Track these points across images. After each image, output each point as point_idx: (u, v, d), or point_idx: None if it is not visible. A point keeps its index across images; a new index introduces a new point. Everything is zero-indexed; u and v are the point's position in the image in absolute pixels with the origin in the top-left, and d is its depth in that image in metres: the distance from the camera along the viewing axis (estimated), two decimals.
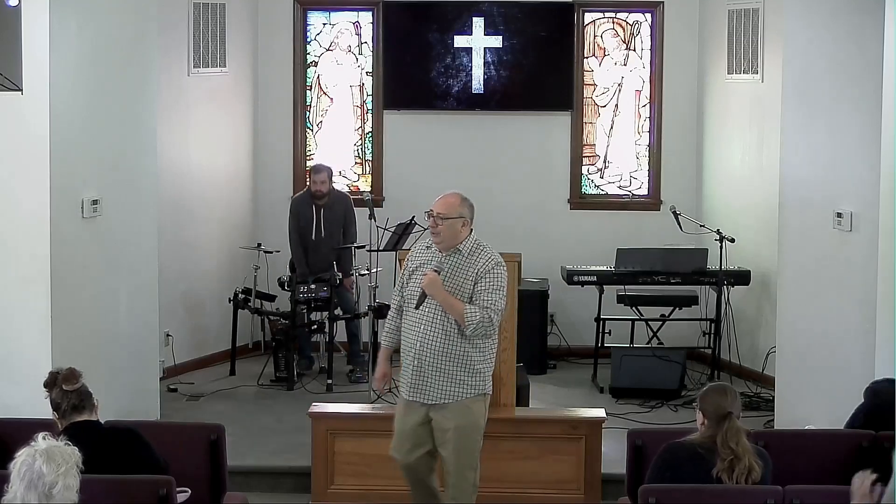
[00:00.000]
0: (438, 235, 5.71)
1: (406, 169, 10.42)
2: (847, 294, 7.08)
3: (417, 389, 5.76)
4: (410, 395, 5.79)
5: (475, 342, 5.71)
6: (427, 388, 5.75)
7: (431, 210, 5.71)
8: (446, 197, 5.78)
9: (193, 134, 9.67)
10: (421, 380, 5.74)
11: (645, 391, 8.90)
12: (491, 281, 5.68)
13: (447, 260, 5.72)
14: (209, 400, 8.90)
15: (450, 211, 5.71)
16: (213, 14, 9.81)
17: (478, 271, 5.67)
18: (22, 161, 6.93)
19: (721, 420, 4.81)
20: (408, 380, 5.79)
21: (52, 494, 3.67)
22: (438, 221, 5.68)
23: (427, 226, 5.83)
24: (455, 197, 5.78)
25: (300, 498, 7.03)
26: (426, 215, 5.79)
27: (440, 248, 5.73)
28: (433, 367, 5.71)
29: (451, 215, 5.70)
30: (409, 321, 5.78)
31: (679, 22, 10.29)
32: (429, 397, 5.76)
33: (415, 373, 5.74)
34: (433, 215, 5.70)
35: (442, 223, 5.68)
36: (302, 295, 9.18)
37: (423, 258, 5.81)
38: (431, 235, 5.77)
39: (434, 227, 5.71)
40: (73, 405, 4.88)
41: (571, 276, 9.42)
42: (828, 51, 7.26)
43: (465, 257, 5.71)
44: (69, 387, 4.90)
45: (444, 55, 10.29)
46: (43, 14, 6.82)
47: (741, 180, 9.75)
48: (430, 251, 5.79)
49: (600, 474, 6.79)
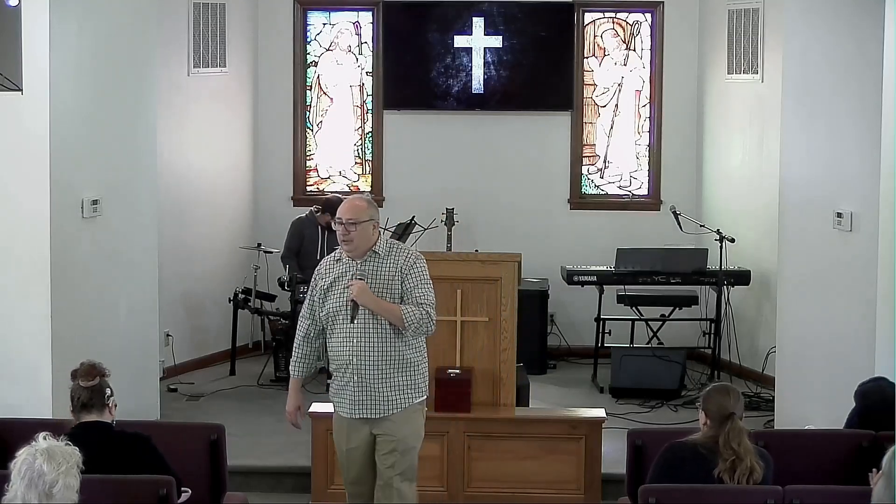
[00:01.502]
0: (351, 242, 5.39)
1: (406, 169, 10.42)
2: (847, 294, 7.08)
3: (361, 406, 5.44)
4: (353, 413, 5.46)
5: (409, 341, 5.47)
6: (372, 401, 5.44)
7: (340, 218, 5.40)
8: (353, 202, 5.48)
9: (193, 134, 9.67)
10: (364, 394, 5.43)
11: (645, 391, 8.90)
12: (417, 275, 5.45)
13: (366, 265, 5.44)
14: (209, 400, 8.90)
15: (360, 215, 5.40)
16: (213, 14, 9.81)
17: (400, 268, 5.43)
18: (22, 161, 6.93)
19: (724, 421, 4.81)
20: (348, 398, 5.45)
21: (53, 494, 3.67)
22: (350, 228, 5.37)
23: (340, 230, 5.40)
24: (361, 201, 5.50)
25: (300, 498, 7.03)
26: (334, 223, 5.48)
27: (354, 255, 5.43)
28: (375, 377, 5.42)
29: (362, 219, 5.39)
30: (337, 338, 5.45)
31: (679, 22, 10.29)
32: (375, 411, 5.44)
33: (356, 389, 5.42)
34: (343, 222, 5.38)
35: (354, 229, 5.37)
36: (302, 295, 9.17)
37: (337, 271, 5.48)
38: (342, 244, 5.42)
39: (346, 235, 5.38)
40: (83, 403, 4.86)
41: (571, 276, 9.42)
42: (828, 51, 7.26)
43: (382, 258, 5.45)
44: (84, 383, 4.87)
45: (444, 55, 10.29)
46: (43, 14, 6.82)
47: (741, 180, 9.75)
48: (342, 263, 5.48)
49: (600, 474, 6.78)
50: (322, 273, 5.55)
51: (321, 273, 5.55)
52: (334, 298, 5.47)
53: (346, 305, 5.42)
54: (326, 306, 5.49)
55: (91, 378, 4.87)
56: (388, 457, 5.48)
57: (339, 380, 5.50)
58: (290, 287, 9.27)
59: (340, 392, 5.50)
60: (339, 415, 5.56)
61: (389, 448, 5.47)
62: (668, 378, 8.97)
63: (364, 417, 5.46)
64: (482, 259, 7.07)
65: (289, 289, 9.30)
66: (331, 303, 5.48)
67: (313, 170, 10.61)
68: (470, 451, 6.79)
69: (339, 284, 5.45)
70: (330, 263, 5.55)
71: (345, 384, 5.46)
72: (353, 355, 5.41)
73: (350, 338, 5.42)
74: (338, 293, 5.46)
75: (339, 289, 5.45)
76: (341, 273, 5.47)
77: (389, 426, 5.46)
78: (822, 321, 7.31)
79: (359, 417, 5.46)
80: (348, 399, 5.46)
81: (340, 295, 5.44)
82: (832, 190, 7.23)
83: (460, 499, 6.80)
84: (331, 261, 5.55)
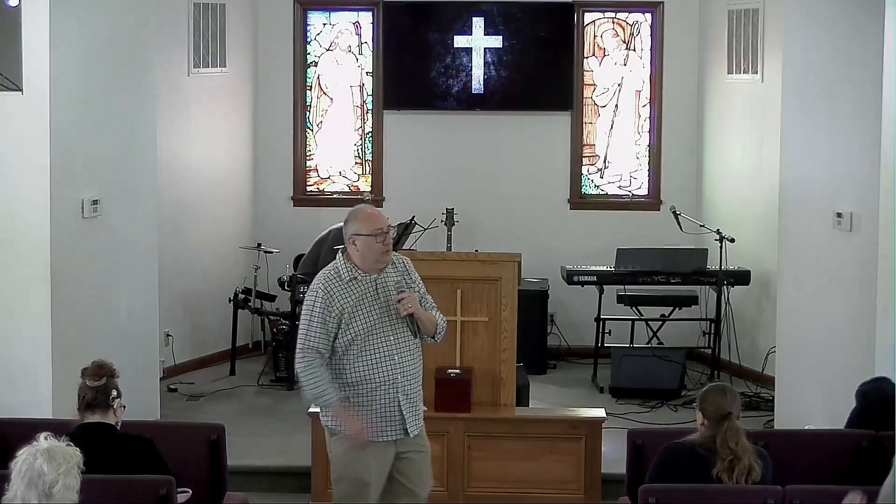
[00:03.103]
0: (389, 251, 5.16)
1: (406, 169, 10.43)
2: (847, 294, 7.08)
3: (411, 423, 5.14)
4: (401, 433, 5.13)
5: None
6: (416, 417, 5.18)
7: (382, 228, 5.07)
8: (374, 209, 5.22)
9: (193, 134, 9.67)
10: (411, 411, 5.14)
11: (645, 391, 8.90)
12: (420, 281, 5.27)
13: (388, 277, 5.15)
14: (209, 400, 8.90)
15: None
16: (213, 14, 9.81)
17: (403, 275, 5.20)
18: (22, 161, 6.94)
19: (721, 420, 4.81)
20: (396, 419, 5.10)
21: (52, 494, 3.67)
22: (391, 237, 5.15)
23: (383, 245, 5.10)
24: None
25: (300, 498, 7.03)
26: (377, 235, 5.07)
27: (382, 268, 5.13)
28: (417, 391, 5.19)
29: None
30: (373, 357, 5.06)
31: (679, 22, 10.29)
32: (418, 425, 5.20)
33: (405, 406, 5.11)
34: (386, 231, 5.09)
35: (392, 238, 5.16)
36: (302, 295, 9.17)
37: (356, 290, 5.09)
38: (383, 255, 5.10)
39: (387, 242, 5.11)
40: (87, 402, 4.86)
41: (571, 276, 9.42)
42: (828, 51, 7.26)
43: (391, 266, 5.19)
44: (91, 382, 4.87)
45: (444, 55, 10.29)
46: (43, 14, 6.83)
47: (741, 180, 9.75)
48: (358, 282, 5.10)
49: (600, 474, 6.78)
50: (336, 296, 5.07)
51: (335, 297, 5.07)
52: (365, 320, 5.08)
53: (382, 323, 5.08)
54: (352, 331, 5.06)
55: (98, 378, 4.87)
56: (424, 472, 5.25)
57: (374, 408, 5.09)
58: (290, 287, 9.27)
59: (382, 418, 5.10)
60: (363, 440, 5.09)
61: (425, 463, 5.25)
62: (668, 378, 8.97)
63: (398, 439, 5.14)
64: (482, 259, 7.07)
65: (289, 289, 9.31)
66: (360, 325, 5.07)
67: (313, 170, 10.61)
68: (470, 451, 6.79)
69: (367, 304, 5.09)
70: (337, 285, 5.09)
71: (385, 404, 5.09)
72: (399, 372, 5.10)
73: (392, 354, 5.10)
74: (368, 313, 5.09)
75: (369, 308, 5.09)
76: (363, 292, 5.10)
77: (420, 441, 5.24)
78: (822, 321, 7.31)
79: (400, 438, 5.14)
80: (397, 419, 5.11)
81: (371, 314, 5.09)
82: (832, 190, 7.23)
83: (460, 499, 6.80)
84: (336, 281, 5.10)
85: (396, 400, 5.11)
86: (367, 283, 5.12)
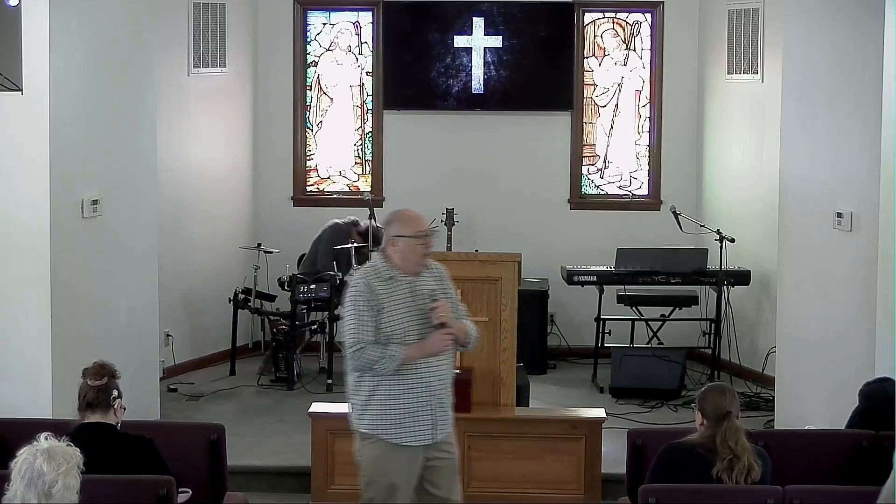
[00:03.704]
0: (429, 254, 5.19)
1: (406, 169, 10.42)
2: (847, 294, 7.08)
3: (442, 426, 5.16)
4: (434, 436, 5.13)
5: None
6: (446, 421, 5.20)
7: (424, 230, 5.14)
8: (415, 212, 5.24)
9: (193, 134, 9.67)
10: (443, 415, 5.16)
11: (645, 391, 8.90)
12: (452, 287, 5.28)
13: (424, 281, 5.17)
14: (209, 400, 8.90)
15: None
16: (213, 14, 9.81)
17: (437, 279, 5.22)
18: (22, 161, 6.94)
19: (720, 420, 4.81)
20: (428, 422, 5.11)
21: (52, 494, 3.67)
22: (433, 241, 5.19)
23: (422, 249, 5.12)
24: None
25: (300, 498, 7.03)
26: (419, 237, 5.11)
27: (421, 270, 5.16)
28: (448, 395, 5.21)
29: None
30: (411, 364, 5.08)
31: (679, 22, 10.29)
32: (446, 431, 5.20)
33: (437, 410, 5.13)
34: (428, 234, 5.15)
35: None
36: (302, 295, 9.18)
37: (398, 289, 5.11)
38: (423, 259, 5.14)
39: (428, 245, 5.15)
40: (88, 402, 4.86)
41: (571, 276, 9.42)
42: (828, 51, 7.27)
43: (428, 271, 5.22)
44: (92, 381, 4.87)
45: (444, 55, 10.29)
46: (43, 14, 6.83)
47: (741, 180, 9.75)
48: (395, 281, 5.12)
49: (600, 474, 6.78)
50: (378, 291, 5.09)
51: (376, 291, 5.08)
52: (401, 320, 5.09)
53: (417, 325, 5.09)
54: (388, 329, 5.07)
55: (99, 378, 4.88)
56: (452, 479, 5.26)
57: (404, 406, 5.09)
58: (290, 287, 9.27)
59: (412, 418, 5.10)
60: (392, 447, 5.11)
61: (454, 470, 5.26)
62: (668, 378, 8.97)
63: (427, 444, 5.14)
64: (482, 259, 7.07)
65: (289, 289, 9.30)
66: (397, 324, 5.08)
67: (313, 170, 10.61)
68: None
69: (404, 304, 5.10)
70: (377, 281, 5.11)
71: (418, 408, 5.10)
72: (436, 377, 5.12)
73: (430, 359, 5.11)
74: (405, 314, 5.09)
75: (405, 309, 5.10)
76: (401, 292, 5.12)
77: (448, 447, 5.24)
78: (822, 321, 7.31)
79: (432, 442, 5.15)
80: (429, 423, 5.11)
81: (408, 315, 5.09)
82: (832, 190, 7.23)
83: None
84: (375, 278, 5.12)
85: (429, 404, 5.12)
86: (405, 284, 5.14)
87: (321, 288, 9.20)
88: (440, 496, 5.23)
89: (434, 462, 5.20)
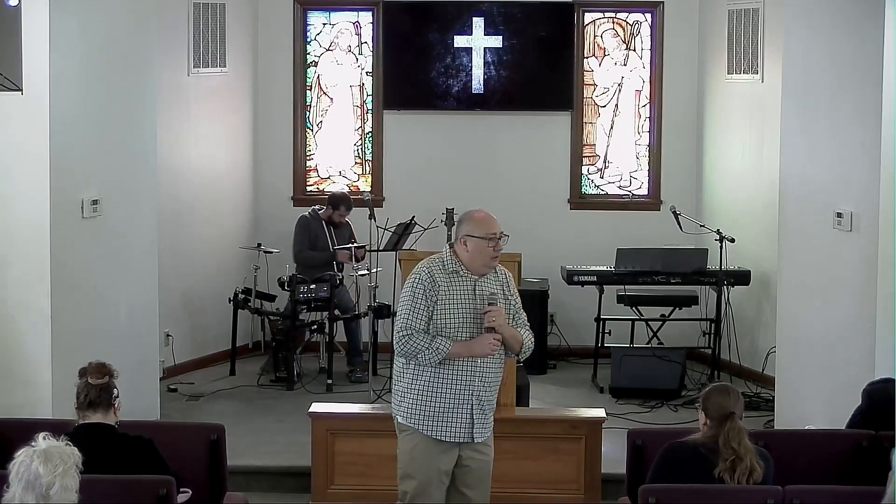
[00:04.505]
0: (498, 258, 5.21)
1: (406, 169, 10.43)
2: (847, 294, 7.08)
3: (479, 428, 5.18)
4: (466, 437, 5.16)
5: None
6: (485, 425, 5.22)
7: (495, 234, 5.15)
8: (487, 214, 5.26)
9: (193, 134, 9.67)
10: (482, 417, 5.19)
11: (645, 391, 8.90)
12: (517, 296, 5.32)
13: (487, 283, 5.20)
14: (209, 400, 8.90)
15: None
16: (213, 14, 9.81)
17: (503, 284, 5.26)
18: (22, 161, 6.94)
19: (723, 420, 4.81)
20: (463, 422, 5.14)
21: (50, 496, 3.65)
22: (503, 243, 5.19)
23: (493, 251, 5.14)
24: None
25: (300, 498, 7.03)
26: (489, 239, 5.13)
27: (488, 272, 5.19)
28: (491, 400, 5.23)
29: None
30: (454, 360, 5.12)
31: (679, 22, 10.29)
32: (484, 433, 5.22)
33: (476, 412, 5.15)
34: (499, 237, 5.16)
35: (505, 243, 5.19)
36: (302, 295, 9.18)
37: (457, 284, 5.15)
38: (492, 261, 5.16)
39: (500, 250, 5.18)
40: (90, 401, 4.85)
41: (571, 276, 9.42)
42: (828, 51, 7.26)
43: (493, 274, 5.25)
44: (94, 380, 4.87)
45: (444, 55, 10.29)
46: (43, 14, 6.83)
47: (741, 180, 9.75)
48: (460, 276, 5.15)
49: (600, 474, 6.78)
50: (439, 281, 5.13)
51: (437, 281, 5.13)
52: (456, 314, 5.12)
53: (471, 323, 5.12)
54: (442, 319, 5.11)
55: (101, 376, 4.88)
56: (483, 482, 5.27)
57: (444, 402, 5.13)
58: (290, 287, 9.27)
59: (450, 415, 5.13)
60: (430, 440, 5.16)
61: (486, 472, 5.28)
62: (668, 378, 8.97)
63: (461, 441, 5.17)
64: None
65: (289, 289, 9.30)
66: (451, 317, 5.12)
67: (313, 170, 10.62)
68: None
69: (461, 299, 5.13)
70: (443, 273, 5.16)
71: (459, 406, 5.13)
72: (478, 377, 5.14)
73: (474, 359, 5.13)
74: (461, 308, 5.13)
75: (463, 304, 5.13)
76: (462, 287, 5.15)
77: (486, 449, 5.27)
78: (822, 321, 7.31)
79: (468, 441, 5.17)
80: (466, 422, 5.14)
81: (464, 311, 5.13)
82: (832, 190, 7.23)
83: None
84: (441, 270, 5.17)
85: (469, 403, 5.15)
86: (468, 281, 5.17)
87: (321, 288, 9.21)
88: (464, 492, 5.25)
89: (468, 462, 5.23)
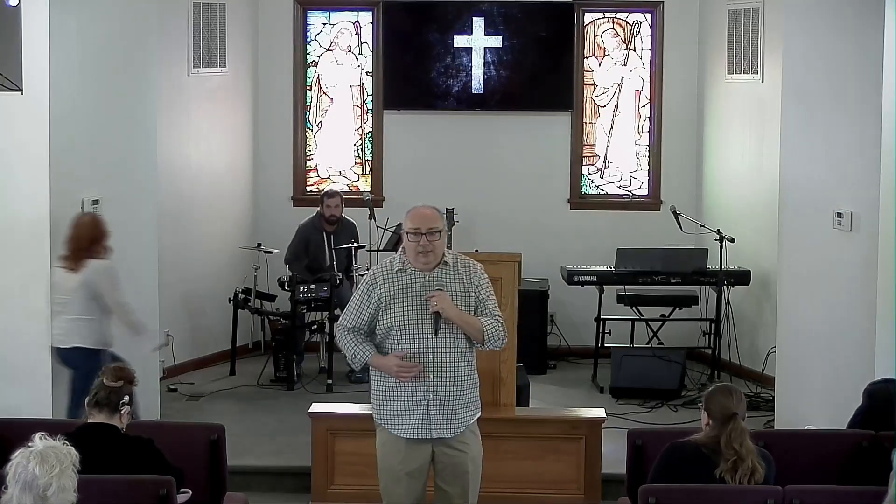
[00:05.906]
0: (432, 253, 5.13)
1: (406, 169, 10.43)
2: (847, 294, 7.08)
3: (438, 425, 5.14)
4: (424, 433, 5.14)
5: (474, 353, 5.30)
6: (448, 420, 5.16)
7: (419, 228, 5.12)
8: (425, 211, 5.20)
9: (193, 134, 9.67)
10: (441, 412, 5.14)
11: (645, 391, 8.90)
12: (487, 287, 5.26)
13: (440, 276, 5.17)
14: (209, 400, 8.90)
15: (439, 225, 5.18)
16: (213, 14, 9.81)
17: (471, 279, 5.21)
18: (22, 161, 6.94)
19: (726, 421, 4.81)
20: (419, 417, 5.13)
21: (47, 496, 3.64)
22: (432, 238, 5.12)
23: (418, 245, 5.13)
24: (432, 209, 5.22)
25: (300, 498, 7.03)
26: (412, 234, 5.14)
27: (428, 267, 5.15)
28: (453, 393, 5.16)
29: (440, 228, 5.18)
30: (407, 350, 5.12)
31: (679, 22, 10.29)
32: (451, 429, 5.17)
33: (433, 407, 5.13)
34: (424, 233, 5.11)
35: (437, 238, 5.13)
36: (302, 295, 9.18)
37: (400, 282, 5.16)
38: (420, 256, 5.13)
39: (428, 246, 5.11)
40: (97, 400, 4.88)
41: (571, 276, 9.42)
42: (828, 51, 7.26)
43: (452, 268, 5.20)
44: (108, 381, 4.90)
45: (444, 55, 10.29)
46: (43, 14, 6.83)
47: (741, 180, 9.75)
48: (406, 274, 5.17)
49: (600, 474, 6.78)
50: (379, 283, 5.17)
51: (378, 283, 5.17)
52: (401, 311, 5.13)
53: (418, 318, 5.13)
54: (388, 319, 5.14)
55: (115, 379, 4.92)
56: (460, 479, 5.24)
57: (400, 398, 5.16)
58: (290, 287, 9.27)
59: (405, 412, 5.15)
60: (394, 436, 5.19)
61: (462, 469, 5.24)
62: (668, 378, 8.97)
63: (436, 437, 5.16)
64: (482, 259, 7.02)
65: (289, 289, 9.30)
66: (396, 316, 5.14)
67: (313, 170, 10.62)
68: None
69: (407, 296, 5.14)
70: (388, 274, 5.19)
71: (414, 403, 5.14)
72: (432, 371, 5.12)
73: (427, 352, 5.12)
74: (406, 305, 5.14)
75: (408, 301, 5.14)
76: (407, 284, 5.16)
77: (461, 445, 5.23)
78: (822, 321, 7.31)
79: (428, 438, 5.16)
80: (420, 418, 5.14)
81: (409, 307, 5.14)
82: (832, 190, 7.23)
83: None
84: (387, 271, 5.20)
85: (425, 399, 5.14)
86: (414, 277, 5.19)
87: (321, 288, 9.21)
88: (450, 493, 5.26)
89: (441, 458, 5.23)
